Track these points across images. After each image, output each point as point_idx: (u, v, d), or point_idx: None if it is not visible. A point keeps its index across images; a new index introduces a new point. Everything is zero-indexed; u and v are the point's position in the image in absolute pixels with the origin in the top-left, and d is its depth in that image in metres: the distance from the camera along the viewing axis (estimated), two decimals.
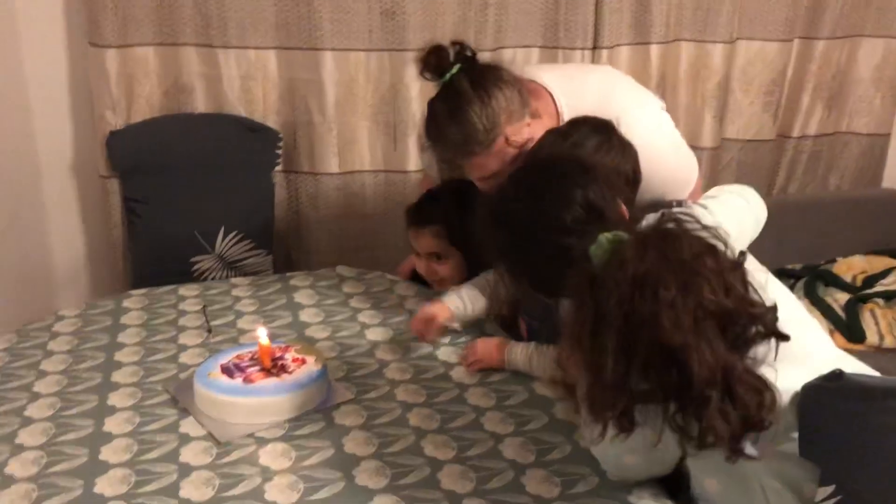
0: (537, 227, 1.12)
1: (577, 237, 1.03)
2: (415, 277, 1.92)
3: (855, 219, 2.83)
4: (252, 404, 1.29)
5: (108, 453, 1.21)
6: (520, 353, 1.44)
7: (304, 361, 1.38)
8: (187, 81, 2.27)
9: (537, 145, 1.41)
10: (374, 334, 1.60)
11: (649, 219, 1.05)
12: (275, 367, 1.36)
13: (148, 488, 1.13)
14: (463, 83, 1.43)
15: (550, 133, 1.42)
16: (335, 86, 2.34)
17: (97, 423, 1.28)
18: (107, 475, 1.16)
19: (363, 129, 2.40)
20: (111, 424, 1.28)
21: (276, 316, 1.68)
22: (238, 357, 1.40)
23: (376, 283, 1.85)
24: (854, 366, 1.15)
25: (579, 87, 1.59)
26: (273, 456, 1.21)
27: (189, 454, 1.21)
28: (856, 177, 3.14)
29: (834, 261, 2.80)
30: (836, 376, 0.99)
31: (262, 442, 1.24)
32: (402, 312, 1.70)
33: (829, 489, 1.05)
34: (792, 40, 2.79)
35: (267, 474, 1.17)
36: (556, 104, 1.56)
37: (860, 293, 2.69)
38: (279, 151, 2.32)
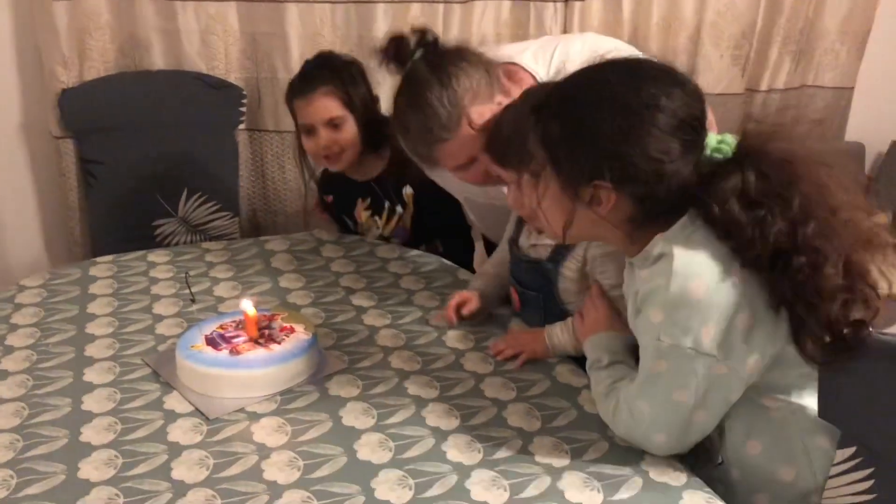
0: (646, 108, 1.01)
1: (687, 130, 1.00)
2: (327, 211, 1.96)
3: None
4: (242, 377, 1.22)
5: (90, 434, 1.13)
6: (561, 334, 1.33)
7: (292, 330, 1.31)
8: (144, 36, 2.15)
9: (500, 127, 1.31)
10: (360, 299, 1.54)
11: None
12: (262, 336, 1.29)
13: (137, 471, 1.06)
14: (421, 69, 1.33)
15: (505, 109, 1.32)
16: (300, 40, 2.24)
17: (75, 402, 1.20)
18: (90, 458, 1.09)
19: None
20: (90, 403, 1.21)
21: (255, 282, 1.60)
22: (222, 327, 1.32)
23: (356, 247, 1.78)
24: None
25: (560, 60, 1.51)
26: (268, 432, 1.15)
27: (178, 433, 1.14)
28: (821, 130, 3.15)
29: None
30: None
31: (254, 417, 1.18)
32: (387, 276, 1.63)
33: (850, 451, 1.03)
34: None
35: (263, 452, 1.11)
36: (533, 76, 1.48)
37: None
38: (243, 109, 2.23)
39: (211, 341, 1.28)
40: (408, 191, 1.89)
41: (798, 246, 0.96)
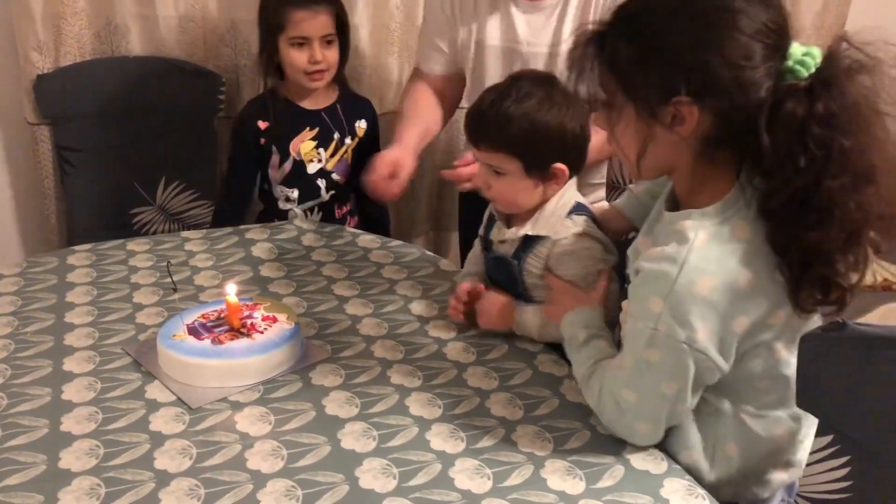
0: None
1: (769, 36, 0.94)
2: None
3: None
4: (224, 367, 1.22)
5: (70, 424, 1.12)
6: (532, 315, 1.34)
7: (275, 320, 1.31)
8: (121, 22, 2.11)
9: (473, 105, 1.33)
10: (342, 289, 1.53)
11: None
12: (244, 326, 1.29)
13: (118, 460, 1.06)
14: None
15: (489, 90, 1.33)
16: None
17: (55, 392, 1.19)
18: (71, 448, 1.08)
19: None
20: (70, 392, 1.19)
21: (236, 271, 1.60)
22: (203, 316, 1.32)
23: (337, 236, 1.77)
24: None
25: None
26: (251, 421, 1.14)
27: (160, 422, 1.14)
28: None
29: None
30: (839, 326, 0.99)
31: (237, 407, 1.18)
32: (369, 266, 1.63)
33: (827, 439, 1.05)
34: None
35: (247, 441, 1.10)
36: None
37: None
38: (222, 97, 2.21)
39: (193, 330, 1.27)
40: (362, 124, 1.96)
41: (822, 196, 0.93)
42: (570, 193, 1.34)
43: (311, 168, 1.92)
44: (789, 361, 1.06)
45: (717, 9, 0.94)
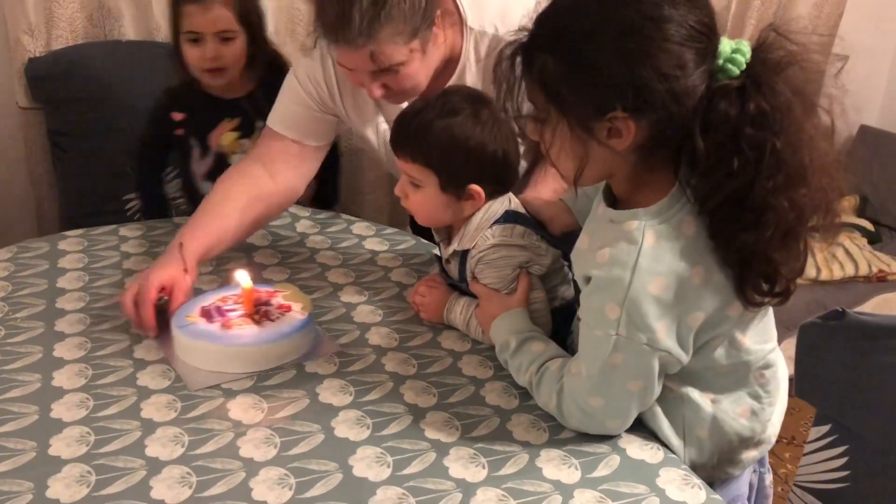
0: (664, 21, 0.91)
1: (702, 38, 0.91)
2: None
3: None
4: (224, 352, 1.21)
5: (60, 411, 1.11)
6: (459, 312, 1.32)
7: (289, 309, 1.30)
8: (114, 5, 2.10)
9: (401, 112, 1.29)
10: (336, 276, 1.52)
11: None
12: (258, 313, 1.28)
13: (109, 448, 1.04)
14: None
15: (419, 100, 1.30)
16: (276, 12, 2.21)
17: (45, 378, 1.18)
18: (62, 435, 1.06)
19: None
20: (61, 379, 1.18)
21: (229, 257, 1.58)
22: (223, 299, 1.31)
23: (333, 223, 1.76)
24: None
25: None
26: (243, 408, 1.13)
27: (151, 409, 1.12)
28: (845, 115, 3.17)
29: None
30: (838, 315, 0.98)
31: (230, 394, 1.16)
32: (363, 253, 1.62)
33: (825, 428, 1.05)
34: None
35: (239, 429, 1.09)
36: (461, 15, 1.47)
37: None
38: None
39: (206, 313, 1.27)
40: None
41: (755, 198, 0.92)
42: (496, 206, 1.29)
43: (235, 160, 1.80)
44: (750, 349, 1.06)
45: (642, 20, 0.90)
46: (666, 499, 1.00)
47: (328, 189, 2.00)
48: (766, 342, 1.09)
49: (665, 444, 1.10)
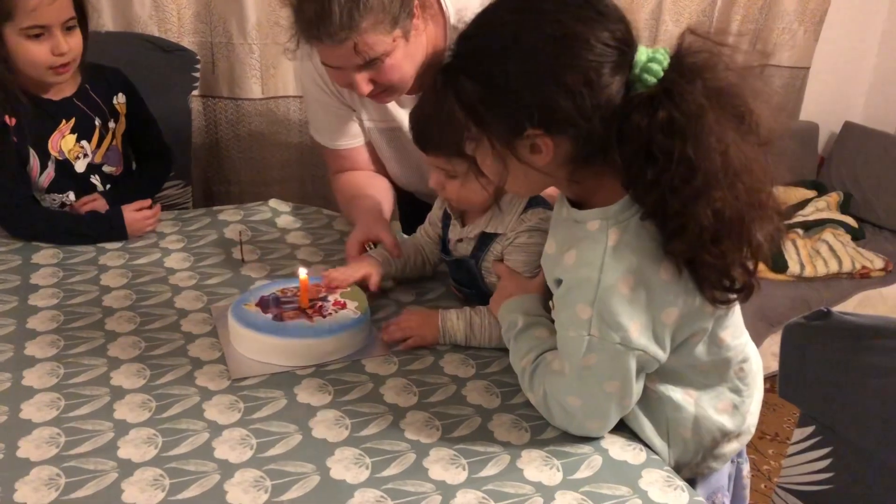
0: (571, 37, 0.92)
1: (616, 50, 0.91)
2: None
3: (773, 151, 2.89)
4: (269, 343, 1.21)
5: (30, 411, 1.08)
6: (456, 321, 1.28)
7: (344, 305, 1.29)
8: None
9: (415, 108, 1.27)
10: (316, 273, 1.49)
11: None
12: (312, 307, 1.27)
13: (80, 449, 1.02)
14: None
15: (429, 91, 1.24)
16: (256, 4, 2.17)
17: (15, 377, 1.15)
18: (31, 436, 1.04)
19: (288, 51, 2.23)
20: (31, 378, 1.15)
21: (206, 253, 1.55)
22: (282, 291, 1.32)
23: (314, 219, 1.73)
24: None
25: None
26: (219, 409, 1.11)
27: (125, 409, 1.10)
28: (777, 109, 3.17)
29: None
30: (823, 315, 0.97)
31: (206, 395, 1.14)
32: (344, 249, 1.59)
33: (809, 430, 1.03)
34: None
35: (214, 430, 1.07)
36: (443, 11, 1.47)
37: None
38: (196, 75, 2.15)
39: (263, 303, 1.28)
40: (120, 99, 1.72)
41: (673, 206, 0.91)
42: None
43: (80, 166, 1.66)
44: (730, 344, 1.06)
45: (548, 40, 0.91)
46: (648, 500, 0.98)
47: None
48: (741, 336, 1.09)
49: (648, 445, 1.08)
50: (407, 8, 1.33)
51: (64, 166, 1.64)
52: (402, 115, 1.58)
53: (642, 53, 0.91)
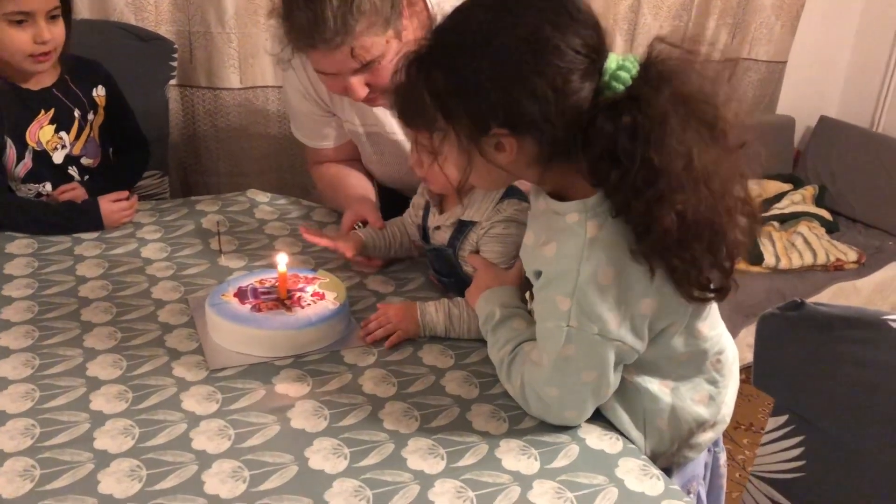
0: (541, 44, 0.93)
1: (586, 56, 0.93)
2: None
3: (748, 147, 2.93)
4: (246, 334, 1.21)
5: (5, 402, 1.07)
6: (435, 312, 1.28)
7: (322, 296, 1.28)
8: None
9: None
10: (296, 264, 1.49)
11: None
12: (290, 298, 1.26)
13: (55, 440, 1.01)
14: None
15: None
16: None
17: None
18: (5, 427, 1.03)
19: (266, 42, 2.22)
20: (6, 369, 1.14)
21: (183, 244, 1.54)
22: (260, 281, 1.31)
23: (292, 209, 1.73)
24: None
25: None
26: (197, 400, 1.10)
27: (101, 400, 1.09)
28: (754, 103, 3.21)
29: None
30: (797, 306, 0.98)
31: (183, 386, 1.13)
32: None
33: (782, 419, 1.05)
34: None
35: (192, 420, 1.06)
36: (427, 6, 1.47)
37: None
38: (174, 64, 2.13)
39: (241, 294, 1.27)
40: (100, 91, 1.72)
41: (636, 208, 0.93)
42: None
43: (58, 157, 1.65)
44: (707, 336, 1.07)
45: (518, 43, 0.92)
46: (624, 489, 0.99)
47: None
48: (717, 326, 1.10)
49: (625, 436, 1.09)
50: (397, 7, 1.33)
51: (41, 157, 1.63)
52: (384, 118, 1.59)
53: (612, 61, 0.93)
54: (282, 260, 1.27)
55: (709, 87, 0.93)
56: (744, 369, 1.17)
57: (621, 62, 0.92)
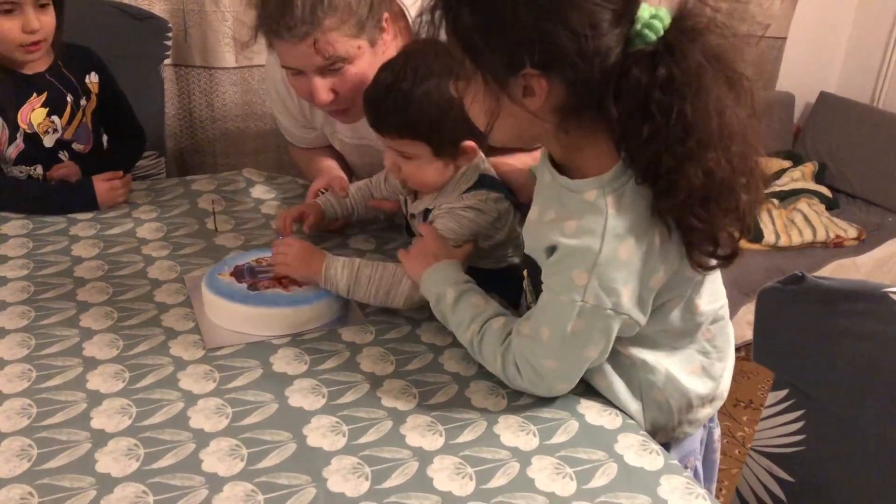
0: None
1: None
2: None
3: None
4: (243, 313, 1.20)
5: (1, 382, 1.07)
6: (341, 269, 1.22)
7: None
8: None
9: (369, 89, 1.25)
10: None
11: None
12: (286, 277, 1.26)
13: (52, 420, 1.01)
14: None
15: (384, 70, 1.24)
16: None
17: None
18: (2, 407, 1.02)
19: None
20: (2, 349, 1.14)
21: (179, 224, 1.53)
22: (258, 261, 1.30)
23: (288, 188, 1.72)
24: None
25: None
26: (194, 379, 1.10)
27: (98, 380, 1.08)
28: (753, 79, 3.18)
29: None
30: (797, 279, 0.97)
31: (180, 365, 1.13)
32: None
33: (782, 393, 1.04)
34: None
35: (189, 399, 1.06)
36: (406, 17, 1.46)
37: None
38: (168, 43, 2.12)
39: (238, 272, 1.26)
40: (93, 78, 1.71)
41: (666, 163, 0.91)
42: (471, 169, 1.29)
43: (49, 140, 1.64)
44: (704, 311, 1.07)
45: None
46: (624, 464, 0.99)
47: None
48: (716, 301, 1.10)
49: (624, 411, 1.09)
50: (375, 17, 1.32)
51: (33, 140, 1.62)
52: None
53: (645, 10, 0.90)
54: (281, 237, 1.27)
55: (735, 48, 0.91)
56: (743, 347, 1.17)
57: (654, 12, 0.90)
